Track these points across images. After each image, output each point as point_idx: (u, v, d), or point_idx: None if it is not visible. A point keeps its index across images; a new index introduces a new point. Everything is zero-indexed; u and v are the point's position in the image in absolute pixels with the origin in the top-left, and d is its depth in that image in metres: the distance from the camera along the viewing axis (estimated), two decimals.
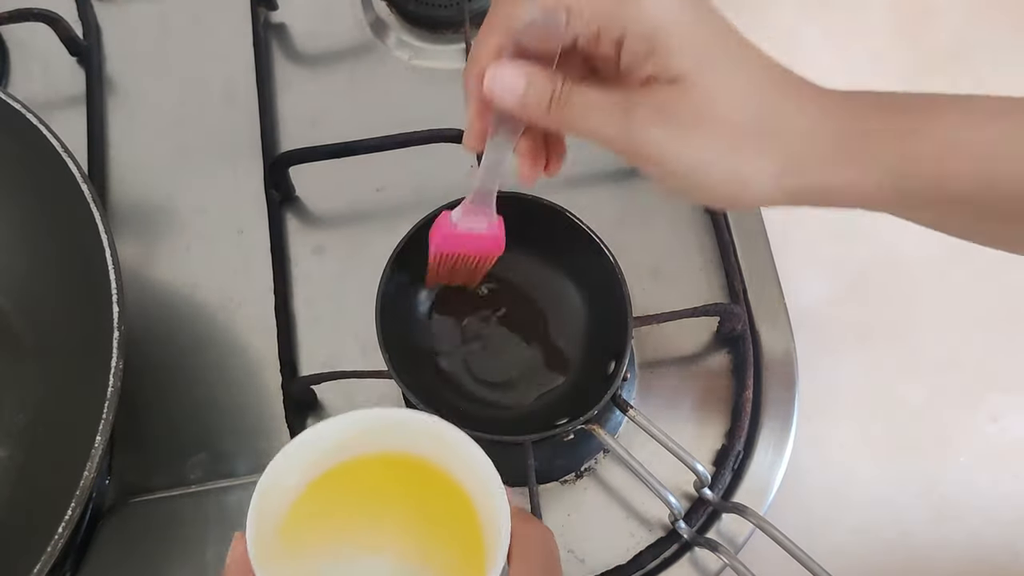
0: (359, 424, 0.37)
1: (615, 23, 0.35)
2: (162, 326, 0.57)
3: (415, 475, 0.37)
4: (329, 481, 0.37)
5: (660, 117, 0.36)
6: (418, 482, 0.37)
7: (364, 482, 0.37)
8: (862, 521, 0.53)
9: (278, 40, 0.64)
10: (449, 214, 0.46)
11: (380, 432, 0.37)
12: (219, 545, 0.51)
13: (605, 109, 0.37)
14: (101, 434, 0.42)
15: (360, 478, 0.37)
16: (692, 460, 0.48)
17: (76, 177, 0.47)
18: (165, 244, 0.59)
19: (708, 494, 0.50)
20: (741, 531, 0.50)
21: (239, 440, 0.54)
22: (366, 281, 0.49)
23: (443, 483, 0.37)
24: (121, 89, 0.63)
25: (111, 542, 0.51)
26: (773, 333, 0.54)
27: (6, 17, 0.61)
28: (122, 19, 0.65)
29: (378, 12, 0.65)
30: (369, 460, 0.37)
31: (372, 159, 0.57)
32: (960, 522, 0.53)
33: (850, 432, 0.55)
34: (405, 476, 0.37)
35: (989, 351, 0.57)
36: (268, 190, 0.58)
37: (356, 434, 0.37)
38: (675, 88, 0.35)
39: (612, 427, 0.52)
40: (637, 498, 0.52)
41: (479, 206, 0.45)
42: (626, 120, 0.36)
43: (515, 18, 0.36)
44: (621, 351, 0.47)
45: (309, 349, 0.56)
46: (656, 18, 0.35)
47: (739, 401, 0.52)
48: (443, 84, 0.62)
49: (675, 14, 0.35)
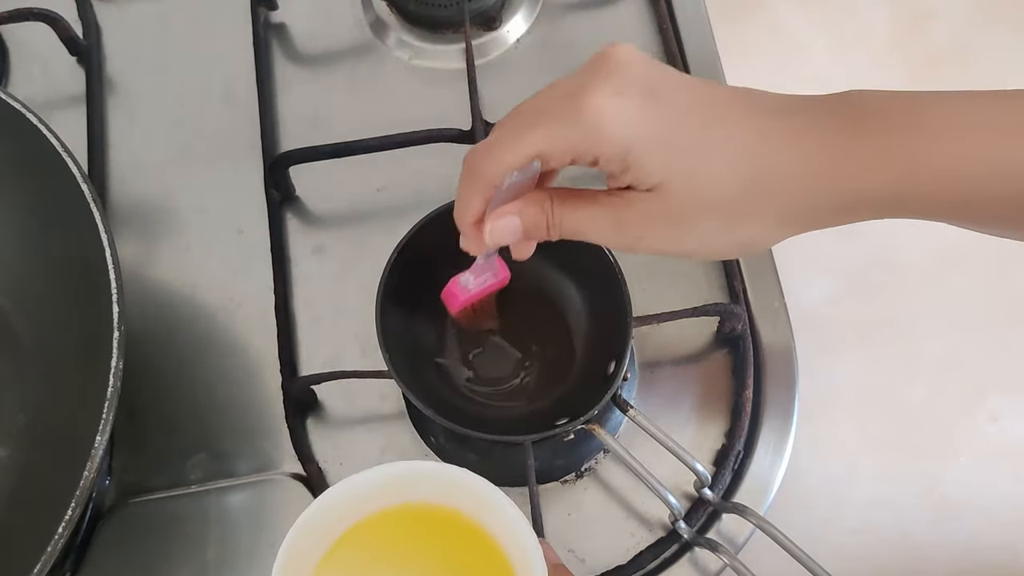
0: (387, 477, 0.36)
1: (586, 153, 0.36)
2: (162, 326, 0.57)
3: (447, 528, 0.36)
4: (356, 535, 0.36)
5: (649, 224, 0.38)
6: (450, 536, 0.36)
7: (393, 536, 0.37)
8: (862, 521, 0.53)
9: (278, 40, 0.64)
10: (459, 281, 0.47)
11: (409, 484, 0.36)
12: (219, 545, 0.51)
13: (597, 222, 0.39)
14: (101, 434, 0.42)
15: (389, 532, 0.36)
16: (692, 460, 0.48)
17: (76, 177, 0.47)
18: (165, 244, 0.59)
19: (708, 494, 0.50)
20: (741, 531, 0.50)
21: (239, 440, 0.54)
22: (366, 281, 0.49)
23: (477, 538, 0.36)
24: (121, 89, 0.63)
25: (111, 542, 0.51)
26: (773, 333, 0.54)
27: (6, 17, 0.61)
28: (122, 19, 0.65)
29: (378, 12, 0.65)
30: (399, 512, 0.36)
31: (372, 159, 0.57)
32: (960, 522, 0.53)
33: (850, 432, 0.55)
34: (437, 529, 0.37)
35: (989, 351, 0.57)
36: (268, 190, 0.58)
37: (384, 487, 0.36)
38: (655, 196, 0.37)
39: (612, 427, 0.52)
40: (637, 498, 0.52)
41: (487, 264, 0.46)
42: (619, 231, 0.38)
43: (495, 177, 0.38)
44: (621, 351, 0.47)
45: (309, 349, 0.56)
46: (621, 141, 0.36)
47: (739, 401, 0.52)
48: (443, 84, 0.62)
49: (637, 129, 0.36)
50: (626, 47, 0.37)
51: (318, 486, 0.52)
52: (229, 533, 0.51)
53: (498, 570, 0.35)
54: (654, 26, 0.63)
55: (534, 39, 0.64)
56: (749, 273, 0.56)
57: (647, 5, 0.63)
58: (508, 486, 0.51)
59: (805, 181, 0.36)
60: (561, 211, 0.39)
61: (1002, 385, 0.56)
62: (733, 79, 0.59)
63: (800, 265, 0.58)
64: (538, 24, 0.64)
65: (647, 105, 0.36)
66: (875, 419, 0.55)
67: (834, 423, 0.55)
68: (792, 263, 0.56)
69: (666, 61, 0.61)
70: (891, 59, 0.65)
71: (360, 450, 0.53)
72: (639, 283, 0.55)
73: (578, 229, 0.39)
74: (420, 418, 0.53)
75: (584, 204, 0.39)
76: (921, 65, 0.65)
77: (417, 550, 0.37)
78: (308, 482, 0.52)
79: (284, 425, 0.53)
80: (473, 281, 0.47)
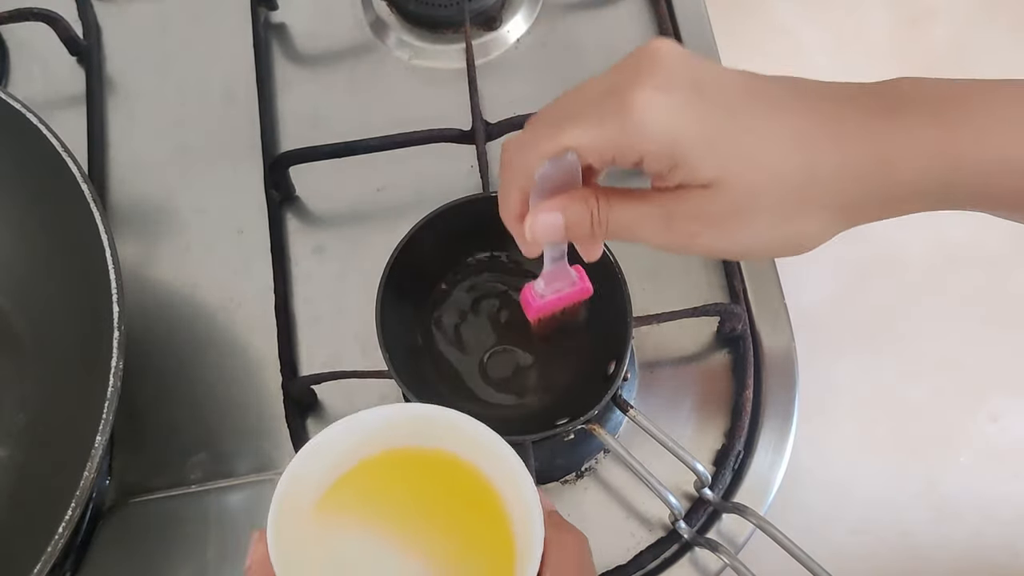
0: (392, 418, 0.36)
1: (628, 151, 0.35)
2: (162, 326, 0.57)
3: (448, 473, 0.37)
4: (358, 475, 0.36)
5: (703, 221, 0.36)
6: (451, 481, 0.37)
7: (391, 478, 0.37)
8: (862, 521, 0.53)
9: (278, 40, 0.64)
10: (532, 287, 0.45)
11: (415, 428, 0.37)
12: (219, 545, 0.51)
13: (646, 220, 0.37)
14: (101, 434, 0.42)
15: (387, 474, 0.37)
16: (692, 460, 0.48)
17: (76, 177, 0.47)
18: (165, 244, 0.59)
19: (708, 494, 0.50)
20: (742, 531, 0.50)
21: (239, 440, 0.54)
22: (366, 281, 0.49)
23: (477, 485, 0.36)
24: (121, 89, 0.63)
25: (111, 542, 0.51)
26: (773, 333, 0.54)
27: (6, 17, 0.61)
28: (122, 19, 0.65)
29: (378, 12, 0.65)
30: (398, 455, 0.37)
31: (372, 159, 0.57)
32: (960, 522, 0.53)
33: (850, 432, 0.55)
34: (438, 473, 0.37)
35: (989, 351, 0.57)
36: (268, 190, 0.58)
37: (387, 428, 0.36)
38: (710, 192, 0.35)
39: (612, 427, 0.52)
40: (637, 498, 0.52)
41: (556, 271, 0.45)
42: (669, 229, 0.36)
43: (529, 168, 0.36)
44: (621, 351, 0.47)
45: (309, 349, 0.56)
46: (666, 135, 0.34)
47: (739, 401, 0.53)
48: (443, 84, 0.62)
49: (685, 126, 0.34)
50: (667, 41, 0.35)
51: None
52: (229, 533, 0.51)
53: (494, 513, 0.36)
54: (654, 26, 0.63)
55: (534, 39, 0.64)
56: (749, 273, 0.56)
57: (647, 5, 0.63)
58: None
59: (857, 172, 0.35)
60: (608, 208, 0.37)
61: (1002, 385, 0.56)
62: None
63: (800, 265, 0.57)
64: (538, 24, 0.64)
65: (693, 100, 0.34)
66: (875, 419, 0.55)
67: (834, 423, 0.55)
68: (792, 263, 0.56)
69: None
70: (891, 59, 0.65)
71: None
72: (639, 283, 0.55)
73: (626, 226, 0.37)
74: None
75: (633, 201, 0.37)
76: (921, 65, 0.65)
77: (415, 493, 0.37)
78: None
79: (284, 425, 0.53)
80: (545, 288, 0.45)
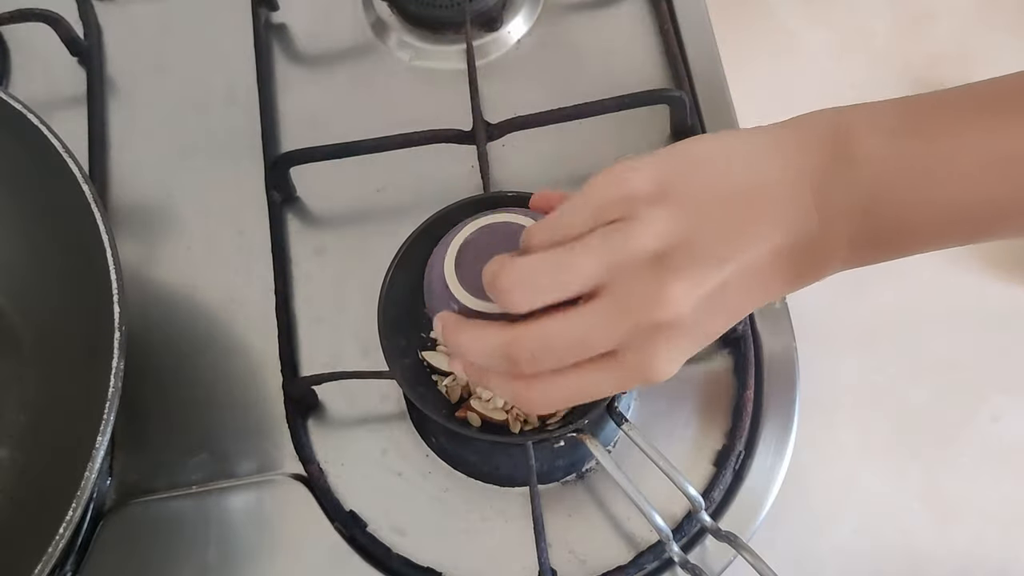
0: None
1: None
2: (163, 326, 0.57)
3: None
4: None
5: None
6: None
7: None
8: (863, 521, 0.53)
9: (279, 40, 0.64)
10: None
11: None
12: (220, 546, 0.51)
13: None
14: (102, 434, 0.42)
15: None
16: (685, 483, 0.47)
17: (77, 177, 0.47)
18: (166, 244, 0.59)
19: (704, 519, 0.49)
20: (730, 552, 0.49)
21: (240, 440, 0.54)
22: (367, 281, 0.49)
23: None
24: (122, 89, 0.63)
25: (112, 543, 0.51)
26: (774, 333, 0.54)
27: (7, 17, 0.61)
28: (123, 19, 0.65)
29: (379, 12, 0.65)
30: None
31: (373, 159, 0.57)
32: (961, 522, 0.53)
33: (851, 432, 0.55)
34: None
35: (989, 351, 0.57)
36: (269, 190, 0.58)
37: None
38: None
39: (609, 435, 0.52)
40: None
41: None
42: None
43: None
44: None
45: (310, 349, 0.55)
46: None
47: (740, 401, 0.52)
48: (444, 85, 0.62)
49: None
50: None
51: (319, 487, 0.52)
52: (230, 534, 0.51)
53: None
54: (655, 27, 0.63)
55: (535, 40, 0.64)
56: None
57: (648, 5, 0.63)
58: (509, 486, 0.51)
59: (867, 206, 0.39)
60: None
61: (1003, 385, 0.56)
62: (734, 79, 0.59)
63: None
64: (539, 25, 0.64)
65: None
66: (876, 419, 0.55)
67: (835, 423, 0.55)
68: None
69: (666, 61, 0.61)
70: (891, 59, 0.65)
71: (361, 450, 0.53)
72: None
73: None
74: (421, 418, 0.53)
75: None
76: (921, 65, 0.65)
77: None
78: (309, 483, 0.52)
79: (285, 425, 0.53)
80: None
